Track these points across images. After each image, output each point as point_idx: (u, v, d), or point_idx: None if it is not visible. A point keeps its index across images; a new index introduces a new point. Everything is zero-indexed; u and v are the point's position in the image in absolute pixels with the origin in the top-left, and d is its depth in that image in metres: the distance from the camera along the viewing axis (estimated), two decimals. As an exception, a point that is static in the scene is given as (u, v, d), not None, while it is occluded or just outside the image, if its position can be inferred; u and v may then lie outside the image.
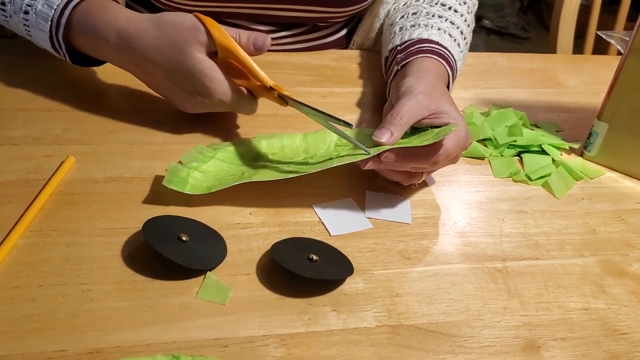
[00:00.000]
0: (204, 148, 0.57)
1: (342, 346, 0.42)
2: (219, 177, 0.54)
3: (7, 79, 0.65)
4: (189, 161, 0.54)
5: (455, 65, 0.64)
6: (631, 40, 0.60)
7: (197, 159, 0.55)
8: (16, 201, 0.50)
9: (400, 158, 0.52)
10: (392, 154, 0.51)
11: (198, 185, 0.52)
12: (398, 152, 0.51)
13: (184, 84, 0.56)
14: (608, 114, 0.63)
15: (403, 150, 0.51)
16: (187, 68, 0.55)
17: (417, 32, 0.66)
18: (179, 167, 0.53)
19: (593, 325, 0.47)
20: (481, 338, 0.44)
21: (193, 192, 0.51)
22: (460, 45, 0.68)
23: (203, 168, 0.54)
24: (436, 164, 0.53)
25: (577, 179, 0.63)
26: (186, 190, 0.50)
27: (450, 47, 0.65)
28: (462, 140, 0.54)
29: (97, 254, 0.46)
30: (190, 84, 0.56)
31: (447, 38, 0.66)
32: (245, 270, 0.47)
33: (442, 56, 0.62)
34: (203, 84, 0.55)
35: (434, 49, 0.63)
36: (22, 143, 0.57)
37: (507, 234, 0.55)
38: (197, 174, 0.53)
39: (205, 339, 0.41)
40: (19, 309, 0.42)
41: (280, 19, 0.75)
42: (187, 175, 0.52)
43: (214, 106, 0.58)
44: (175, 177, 0.51)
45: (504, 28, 2.80)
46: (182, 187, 0.51)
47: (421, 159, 0.52)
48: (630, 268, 0.53)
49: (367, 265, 0.49)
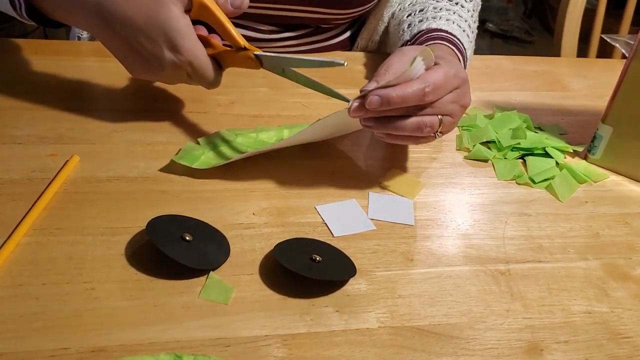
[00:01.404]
0: (225, 132, 0.57)
1: (344, 347, 0.42)
2: (229, 156, 0.54)
3: (13, 79, 0.65)
4: (207, 143, 0.55)
5: (465, 54, 0.64)
6: (636, 44, 0.60)
7: (216, 141, 0.55)
8: (20, 200, 0.50)
9: (384, 99, 0.49)
10: (376, 97, 0.49)
11: (207, 162, 0.52)
12: (381, 93, 0.49)
13: (152, 40, 0.52)
14: (612, 118, 0.63)
15: (386, 90, 0.49)
16: (160, 21, 0.51)
17: (426, 24, 0.66)
18: (195, 146, 0.54)
19: (596, 328, 0.47)
20: (484, 340, 0.44)
21: (200, 167, 0.51)
22: (470, 36, 0.67)
23: (219, 149, 0.54)
24: (425, 98, 0.50)
25: (581, 182, 0.63)
26: (195, 165, 0.51)
27: (460, 35, 0.64)
28: (451, 76, 0.52)
29: (100, 253, 0.47)
30: (160, 40, 0.52)
31: (456, 28, 0.65)
32: (248, 270, 0.47)
33: (453, 43, 0.62)
34: (175, 40, 0.52)
35: (443, 36, 0.63)
36: (26, 142, 0.57)
37: (510, 237, 0.54)
38: (211, 153, 0.54)
39: (207, 338, 0.41)
40: (22, 307, 0.42)
41: (283, 19, 0.75)
42: (202, 154, 0.53)
43: (179, 68, 0.54)
44: (187, 154, 0.52)
45: (507, 32, 2.80)
46: (191, 162, 0.51)
47: (407, 95, 0.49)
48: (634, 272, 0.53)
49: (370, 266, 0.49)
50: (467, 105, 0.55)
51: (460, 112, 0.55)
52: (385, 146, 0.64)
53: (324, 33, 0.81)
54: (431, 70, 0.51)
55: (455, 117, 0.54)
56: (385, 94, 0.49)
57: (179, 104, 0.66)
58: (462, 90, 0.54)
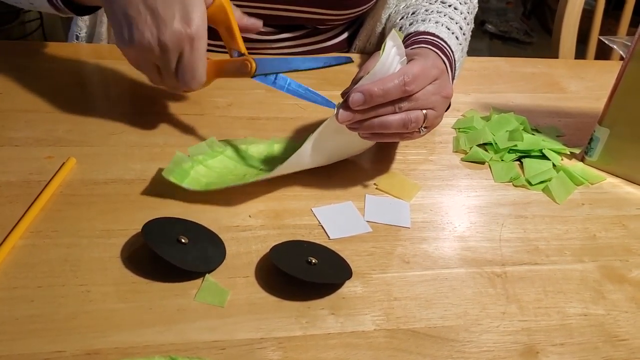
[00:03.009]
0: (215, 142, 0.56)
1: (339, 350, 0.42)
2: (222, 174, 0.54)
3: (11, 81, 0.66)
4: (196, 153, 0.54)
5: (452, 56, 0.63)
6: (633, 46, 0.60)
7: (205, 152, 0.54)
8: (17, 202, 0.50)
9: (367, 94, 0.49)
10: (358, 94, 0.49)
11: (197, 180, 0.51)
12: (363, 89, 0.49)
13: (168, 4, 0.51)
14: (609, 119, 0.63)
15: (367, 86, 0.49)
16: None
17: (414, 27, 0.66)
18: (184, 157, 0.53)
19: (592, 331, 0.47)
20: (479, 343, 0.44)
21: (190, 187, 0.50)
22: (459, 38, 0.67)
23: (209, 163, 0.53)
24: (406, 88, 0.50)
25: (578, 184, 0.63)
26: (184, 184, 0.49)
27: (447, 38, 0.64)
28: (429, 66, 0.52)
29: (96, 256, 0.47)
30: (176, 6, 0.51)
31: (444, 30, 0.65)
32: (244, 272, 0.47)
33: (437, 46, 0.62)
34: (189, 12, 0.51)
35: (429, 39, 0.62)
36: (24, 144, 0.57)
37: (506, 239, 0.54)
38: (201, 167, 0.52)
39: (203, 341, 0.41)
40: (18, 310, 0.42)
41: (280, 20, 0.75)
42: (190, 167, 0.52)
43: (178, 42, 0.52)
44: (177, 167, 0.50)
45: (507, 33, 2.80)
46: (180, 179, 0.50)
47: (389, 88, 0.50)
48: (630, 274, 0.53)
49: (366, 268, 0.49)
50: (449, 96, 0.55)
51: (443, 105, 0.55)
52: (382, 148, 0.64)
53: (321, 34, 0.81)
54: (408, 64, 0.52)
55: (439, 110, 0.54)
56: (367, 89, 0.49)
57: (176, 106, 0.66)
58: (442, 81, 0.54)
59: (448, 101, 0.56)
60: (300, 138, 0.61)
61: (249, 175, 0.53)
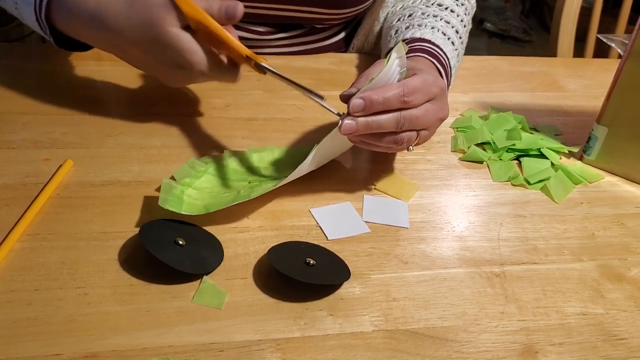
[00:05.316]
0: (195, 162, 0.56)
1: (338, 351, 0.42)
2: (214, 194, 0.53)
3: (7, 83, 0.65)
4: (182, 177, 0.54)
5: (447, 63, 0.64)
6: (631, 44, 0.59)
7: (190, 175, 0.54)
8: (14, 204, 0.50)
9: (367, 101, 0.50)
10: (359, 100, 0.50)
11: (194, 204, 0.51)
12: (364, 96, 0.50)
13: (164, 60, 0.55)
14: (608, 118, 0.63)
15: (368, 92, 0.50)
16: (164, 44, 0.53)
17: (410, 33, 0.66)
18: (172, 184, 0.52)
19: (591, 330, 0.47)
20: (478, 343, 0.44)
21: (190, 213, 0.50)
22: (455, 43, 0.67)
23: (196, 184, 0.54)
24: (405, 98, 0.51)
25: (576, 183, 0.63)
26: (182, 211, 0.49)
27: (443, 45, 0.65)
28: (430, 83, 0.53)
29: (93, 258, 0.46)
30: (170, 59, 0.55)
31: (439, 36, 0.66)
32: (242, 274, 0.47)
33: (432, 54, 0.62)
34: (182, 58, 0.54)
35: (424, 47, 0.63)
36: (20, 147, 0.57)
37: (505, 239, 0.54)
38: (191, 191, 0.52)
39: (201, 343, 0.41)
40: (15, 313, 0.42)
41: (277, 19, 0.75)
42: (182, 192, 0.52)
43: (197, 77, 0.56)
44: (170, 195, 0.51)
45: (505, 31, 2.80)
46: (178, 207, 0.50)
47: (389, 97, 0.50)
48: (629, 273, 0.52)
49: (364, 269, 0.49)
50: (444, 117, 0.56)
51: (437, 125, 0.56)
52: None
53: (318, 33, 0.81)
54: (410, 77, 0.52)
55: (432, 131, 0.56)
56: (367, 96, 0.50)
57: (173, 107, 0.65)
58: (441, 101, 0.55)
59: (442, 122, 0.56)
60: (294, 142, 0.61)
61: (243, 192, 0.53)
